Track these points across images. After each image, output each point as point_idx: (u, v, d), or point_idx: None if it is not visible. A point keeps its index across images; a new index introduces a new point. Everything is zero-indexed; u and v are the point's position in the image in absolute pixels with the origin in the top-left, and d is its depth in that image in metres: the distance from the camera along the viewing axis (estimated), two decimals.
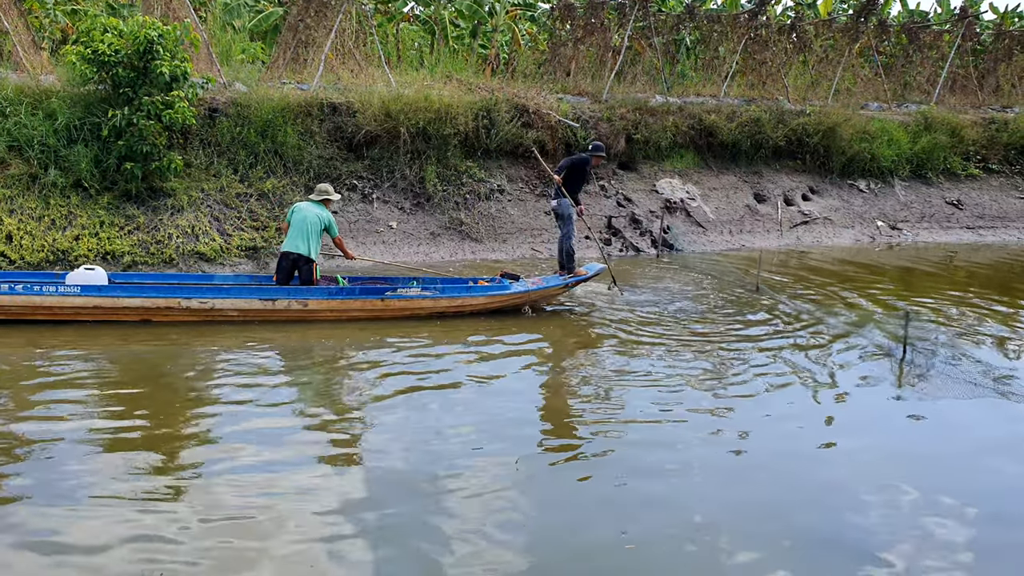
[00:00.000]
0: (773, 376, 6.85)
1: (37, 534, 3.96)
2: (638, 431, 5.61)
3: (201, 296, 7.74)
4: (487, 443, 5.23)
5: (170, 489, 4.46)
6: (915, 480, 4.90)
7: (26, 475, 4.55)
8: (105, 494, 4.34)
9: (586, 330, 8.38)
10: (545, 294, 8.81)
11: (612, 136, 14.39)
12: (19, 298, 7.43)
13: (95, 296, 7.58)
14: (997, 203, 17.16)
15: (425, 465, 4.87)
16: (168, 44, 10.29)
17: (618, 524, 4.26)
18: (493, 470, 4.83)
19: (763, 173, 15.81)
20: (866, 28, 18.50)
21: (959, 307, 9.67)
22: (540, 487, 4.71)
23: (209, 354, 7.02)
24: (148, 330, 7.54)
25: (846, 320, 8.84)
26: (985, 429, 5.87)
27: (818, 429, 5.76)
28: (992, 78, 20.19)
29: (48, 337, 7.19)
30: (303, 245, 8.17)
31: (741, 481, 4.87)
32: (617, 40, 16.63)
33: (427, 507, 4.37)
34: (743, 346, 7.76)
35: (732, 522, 4.34)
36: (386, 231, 12.09)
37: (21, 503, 4.24)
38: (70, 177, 10.21)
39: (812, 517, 4.48)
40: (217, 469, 4.72)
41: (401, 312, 8.21)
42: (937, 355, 7.46)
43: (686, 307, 9.31)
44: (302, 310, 7.95)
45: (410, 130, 12.45)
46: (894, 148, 16.47)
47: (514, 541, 4.06)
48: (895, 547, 4.16)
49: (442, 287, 8.50)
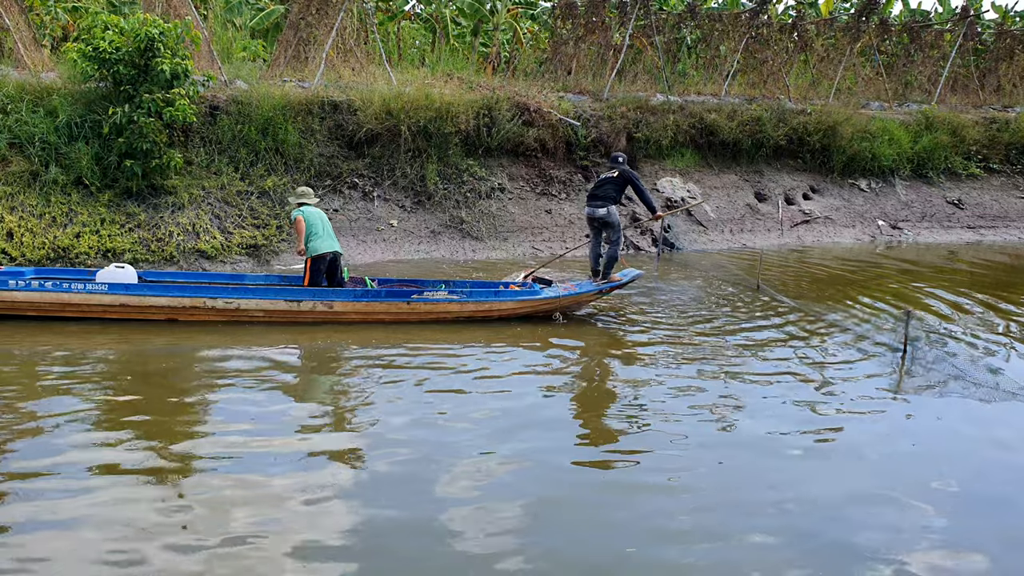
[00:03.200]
0: (772, 375, 6.85)
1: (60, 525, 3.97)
2: (641, 430, 5.62)
3: (227, 296, 7.72)
4: (499, 447, 5.23)
5: (169, 480, 4.47)
6: (916, 478, 4.91)
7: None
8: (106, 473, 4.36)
9: (590, 329, 8.37)
10: (577, 300, 8.55)
11: (613, 135, 14.39)
12: (48, 295, 7.47)
13: (122, 294, 7.59)
14: (998, 203, 17.16)
15: (430, 470, 4.88)
16: (169, 41, 10.30)
17: (629, 537, 4.27)
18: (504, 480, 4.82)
19: (764, 172, 15.81)
20: (867, 27, 18.50)
21: (960, 306, 9.67)
22: (554, 492, 4.72)
23: (224, 353, 7.03)
24: (173, 329, 7.55)
25: (847, 319, 8.84)
26: (986, 427, 5.86)
27: (818, 427, 5.76)
28: (993, 77, 20.20)
29: (71, 336, 7.22)
30: (335, 243, 8.26)
31: (741, 478, 4.87)
32: (618, 38, 16.63)
33: (431, 509, 4.38)
34: (743, 345, 7.76)
35: (733, 520, 4.35)
36: (387, 229, 12.09)
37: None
38: (71, 174, 10.22)
39: (813, 514, 4.48)
40: (216, 466, 4.72)
41: (427, 316, 8.07)
42: (938, 354, 7.46)
43: (686, 306, 9.30)
44: (327, 312, 7.87)
45: (411, 128, 12.45)
46: (895, 147, 16.47)
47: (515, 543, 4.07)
48: (897, 544, 4.16)
49: (470, 291, 8.35)
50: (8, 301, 7.47)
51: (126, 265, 8.15)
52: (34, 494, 4.31)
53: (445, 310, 8.09)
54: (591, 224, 8.96)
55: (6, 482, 4.44)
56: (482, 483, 4.66)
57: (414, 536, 4.09)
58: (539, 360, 7.15)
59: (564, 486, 4.73)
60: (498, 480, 4.71)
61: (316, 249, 8.08)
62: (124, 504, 4.24)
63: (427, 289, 8.27)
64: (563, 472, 4.91)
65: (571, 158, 14.19)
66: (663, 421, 5.75)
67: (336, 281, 8.32)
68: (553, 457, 5.08)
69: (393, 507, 4.35)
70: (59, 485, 4.41)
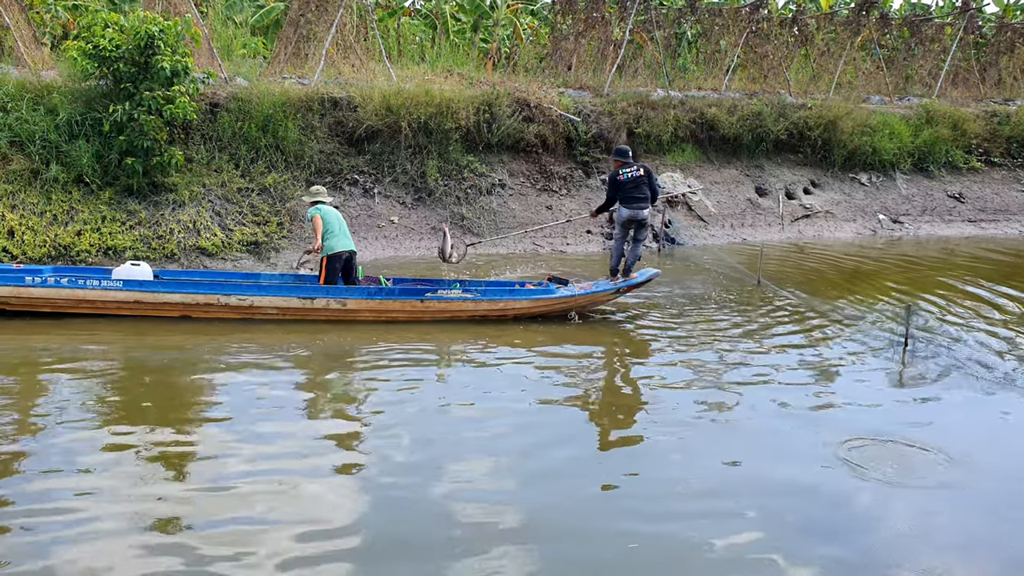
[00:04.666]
0: (774, 369, 6.86)
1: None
2: (646, 429, 5.64)
3: (240, 293, 7.72)
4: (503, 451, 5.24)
5: (175, 470, 4.49)
6: (917, 472, 4.92)
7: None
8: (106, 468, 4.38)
9: (603, 328, 8.36)
10: (593, 299, 8.43)
11: (613, 130, 14.39)
12: (64, 291, 7.52)
13: (136, 291, 7.61)
14: (999, 196, 17.14)
15: (438, 468, 4.89)
16: (169, 39, 10.29)
17: (628, 525, 4.28)
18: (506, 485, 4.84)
19: (764, 167, 15.80)
20: (868, 21, 18.48)
21: (961, 300, 9.67)
22: (548, 485, 4.74)
23: (236, 349, 7.04)
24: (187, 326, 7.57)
25: (848, 313, 8.84)
26: (987, 420, 5.87)
27: (818, 422, 5.76)
28: (994, 71, 20.16)
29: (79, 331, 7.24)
30: (351, 242, 8.26)
31: (739, 472, 4.89)
32: (618, 34, 16.62)
33: (436, 506, 4.40)
34: (744, 339, 7.77)
35: (732, 512, 4.37)
36: (387, 226, 12.09)
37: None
38: (72, 172, 10.22)
39: (814, 508, 4.49)
40: (226, 455, 4.75)
41: (441, 314, 8.01)
42: (939, 347, 7.46)
43: (688, 301, 9.31)
44: (341, 309, 7.84)
45: (411, 125, 12.45)
46: (895, 141, 16.45)
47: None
48: (898, 541, 4.17)
49: (484, 289, 8.30)
50: (25, 297, 7.52)
51: (142, 262, 8.17)
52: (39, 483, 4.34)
53: (459, 308, 8.02)
54: (628, 225, 8.79)
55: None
56: (489, 482, 4.67)
57: (419, 532, 4.11)
58: (552, 359, 7.06)
59: (576, 499, 4.67)
60: (502, 481, 4.73)
61: (332, 248, 8.07)
62: (132, 490, 4.28)
63: (441, 287, 8.21)
64: (573, 478, 4.88)
65: (571, 154, 14.18)
66: (678, 425, 5.75)
67: (351, 280, 8.31)
68: (567, 463, 5.05)
69: (398, 504, 4.37)
70: (67, 473, 4.44)
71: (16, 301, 7.54)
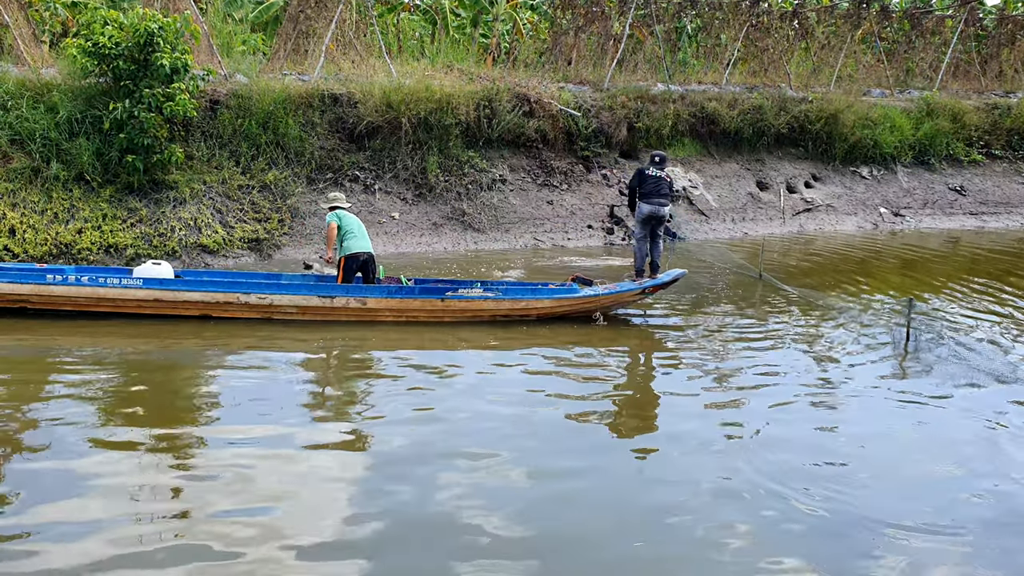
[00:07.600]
0: (775, 364, 6.87)
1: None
2: (660, 430, 5.65)
3: (260, 292, 7.68)
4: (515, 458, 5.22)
5: (181, 465, 4.51)
6: (918, 466, 4.93)
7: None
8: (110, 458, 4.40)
9: (626, 330, 8.22)
10: (618, 299, 8.26)
11: (614, 125, 14.37)
12: (85, 289, 7.52)
13: (156, 289, 7.60)
14: (1000, 189, 17.12)
15: (449, 466, 4.90)
16: (168, 36, 10.28)
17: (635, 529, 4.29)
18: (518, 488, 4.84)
19: (765, 161, 15.79)
20: (868, 14, 18.44)
21: (962, 293, 9.67)
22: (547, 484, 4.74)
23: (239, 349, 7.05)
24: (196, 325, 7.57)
25: (849, 307, 8.85)
26: (987, 413, 5.87)
27: (820, 416, 5.77)
28: (995, 63, 20.11)
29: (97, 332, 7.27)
30: (369, 244, 8.22)
31: (741, 470, 4.90)
32: (618, 28, 16.59)
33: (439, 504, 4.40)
34: (746, 333, 7.78)
35: (735, 511, 4.37)
36: (388, 222, 12.09)
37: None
38: (72, 170, 10.22)
39: (815, 501, 4.50)
40: (232, 453, 4.76)
41: (462, 314, 7.89)
42: (940, 341, 7.47)
43: (689, 294, 9.31)
44: (361, 308, 7.76)
45: (411, 120, 12.44)
46: (896, 134, 16.42)
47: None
48: (900, 539, 4.18)
49: (506, 288, 8.20)
50: (46, 296, 7.53)
51: (162, 262, 8.18)
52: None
53: (480, 308, 7.90)
54: (649, 222, 8.72)
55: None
56: (495, 481, 4.67)
57: (420, 532, 4.12)
58: (576, 360, 6.96)
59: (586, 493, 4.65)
60: (510, 480, 4.73)
61: (349, 248, 8.03)
62: (134, 490, 4.30)
63: (461, 286, 8.11)
64: (583, 479, 4.83)
65: (572, 148, 14.17)
66: (666, 414, 5.76)
67: (371, 282, 8.23)
68: (579, 472, 4.97)
69: (406, 503, 4.38)
70: (68, 463, 4.45)
71: (38, 299, 7.55)
